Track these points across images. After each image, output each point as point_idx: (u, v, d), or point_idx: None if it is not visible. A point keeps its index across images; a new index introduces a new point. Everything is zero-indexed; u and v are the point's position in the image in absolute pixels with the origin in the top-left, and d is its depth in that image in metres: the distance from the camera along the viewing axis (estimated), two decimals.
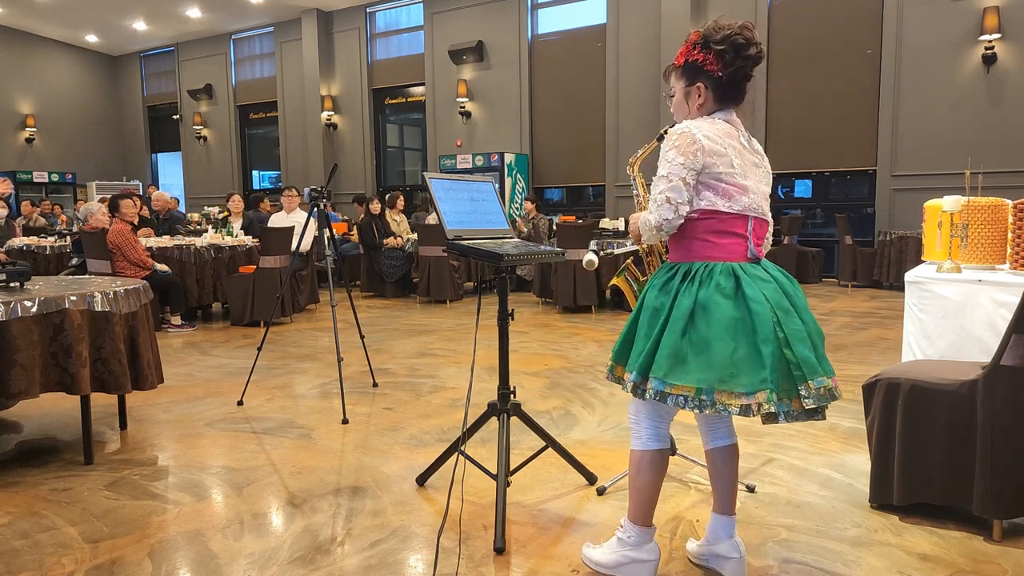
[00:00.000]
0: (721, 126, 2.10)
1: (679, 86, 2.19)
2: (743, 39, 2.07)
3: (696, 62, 2.12)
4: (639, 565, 2.21)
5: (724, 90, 2.13)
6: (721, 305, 1.98)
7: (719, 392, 1.95)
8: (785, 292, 2.04)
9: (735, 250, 2.08)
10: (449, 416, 4.08)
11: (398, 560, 2.45)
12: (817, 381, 1.95)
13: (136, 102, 18.63)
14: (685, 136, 2.04)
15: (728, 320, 1.96)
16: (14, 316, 3.13)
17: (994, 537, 2.51)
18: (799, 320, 2.01)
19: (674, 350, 2.00)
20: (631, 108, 11.85)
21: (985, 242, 3.28)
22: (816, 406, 1.96)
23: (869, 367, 5.07)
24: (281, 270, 7.17)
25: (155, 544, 2.57)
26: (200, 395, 4.64)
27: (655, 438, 2.19)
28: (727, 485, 2.29)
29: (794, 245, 10.27)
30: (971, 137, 9.42)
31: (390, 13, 14.71)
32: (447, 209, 2.79)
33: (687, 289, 2.04)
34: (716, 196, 2.05)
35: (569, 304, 7.88)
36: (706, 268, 2.05)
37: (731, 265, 2.04)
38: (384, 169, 15.29)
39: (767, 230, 2.18)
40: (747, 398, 1.93)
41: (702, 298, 2.01)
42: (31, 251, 8.55)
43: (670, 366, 2.00)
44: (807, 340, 1.99)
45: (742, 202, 2.06)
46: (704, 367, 1.97)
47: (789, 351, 1.96)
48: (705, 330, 1.98)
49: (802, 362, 1.95)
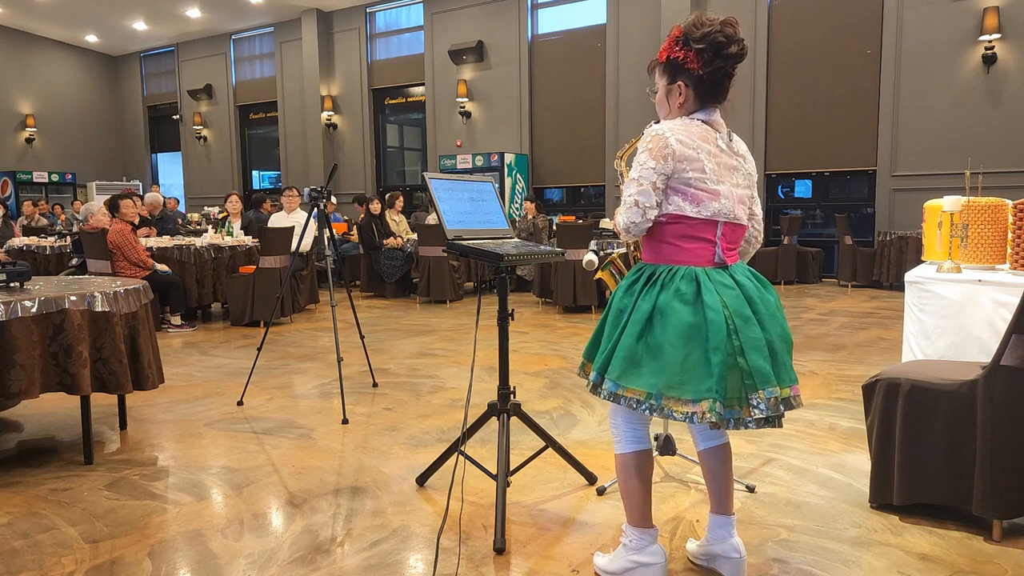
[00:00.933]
0: (697, 128, 2.07)
1: (661, 83, 2.17)
2: (723, 37, 2.03)
3: (677, 59, 2.09)
4: (646, 569, 2.20)
5: (705, 89, 2.10)
6: (678, 311, 1.98)
7: (667, 398, 1.97)
8: (749, 299, 2.03)
9: (701, 255, 2.07)
10: (449, 416, 4.08)
11: (398, 560, 2.45)
12: (768, 391, 1.95)
13: (136, 102, 18.64)
14: (658, 139, 2.03)
15: (683, 326, 1.97)
16: (14, 316, 3.13)
17: (994, 537, 2.51)
18: (758, 328, 2.00)
19: (629, 352, 2.02)
20: (631, 108, 11.85)
21: (985, 242, 3.28)
22: (766, 416, 1.96)
23: (869, 367, 5.07)
24: (281, 270, 7.17)
25: (155, 544, 2.57)
26: (200, 395, 4.64)
27: (634, 440, 2.20)
28: (722, 485, 2.29)
29: (794, 245, 10.27)
30: (971, 137, 9.42)
31: (390, 13, 14.71)
32: (447, 209, 2.79)
33: (648, 292, 2.05)
34: (685, 201, 2.05)
35: (569, 304, 7.88)
36: (669, 272, 2.06)
37: (694, 270, 2.04)
38: (384, 169, 15.29)
39: (742, 233, 2.17)
40: (692, 405, 1.95)
41: (661, 302, 2.02)
42: (31, 251, 8.55)
43: (624, 369, 2.02)
44: (763, 349, 1.98)
45: (711, 208, 2.05)
46: (656, 372, 1.98)
47: (743, 359, 1.96)
48: (660, 335, 1.99)
49: (754, 371, 1.95)
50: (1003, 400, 2.44)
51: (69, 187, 17.07)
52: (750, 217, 2.21)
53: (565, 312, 7.96)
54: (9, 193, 16.04)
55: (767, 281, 2.16)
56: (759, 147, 10.99)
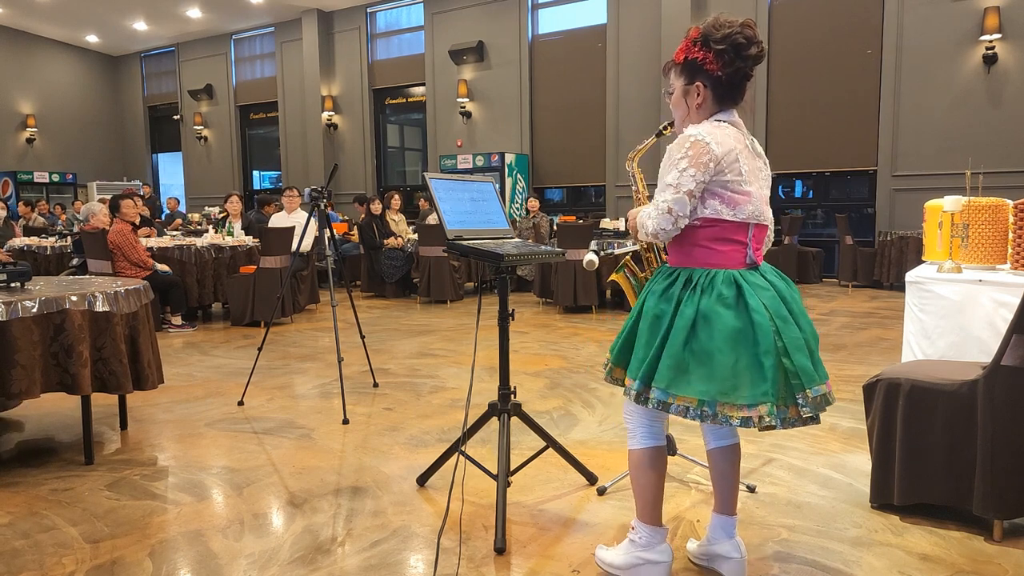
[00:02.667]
0: (729, 131, 2.06)
1: (678, 83, 2.15)
2: (744, 38, 2.02)
3: (695, 60, 2.07)
4: (652, 567, 2.20)
5: (724, 90, 2.09)
6: (723, 315, 1.97)
7: (721, 404, 1.95)
8: (783, 298, 2.04)
9: (735, 257, 2.07)
10: (449, 416, 4.08)
11: (398, 560, 2.45)
12: (815, 390, 1.96)
13: (136, 102, 18.64)
14: (698, 145, 2.00)
15: (730, 331, 1.96)
16: (15, 316, 3.13)
17: (994, 537, 2.51)
18: (796, 328, 2.00)
19: (676, 360, 1.99)
20: (631, 108, 11.85)
21: (985, 242, 3.28)
22: (812, 414, 1.97)
23: (869, 367, 5.07)
24: (281, 270, 7.17)
25: (155, 544, 2.57)
26: (200, 395, 4.64)
27: (650, 436, 2.20)
28: (728, 485, 2.29)
29: (794, 245, 10.27)
30: (971, 137, 9.42)
31: (390, 13, 14.71)
32: (447, 209, 2.79)
33: (689, 298, 2.02)
34: (722, 205, 2.03)
35: (569, 304, 7.88)
36: (707, 276, 2.04)
37: (732, 273, 2.03)
38: (384, 169, 15.29)
39: (766, 233, 2.17)
40: (749, 410, 1.93)
41: (704, 308, 1.99)
42: (31, 251, 8.55)
43: (672, 377, 2.00)
44: (804, 348, 1.99)
45: (746, 210, 2.05)
46: (706, 378, 1.96)
47: (788, 360, 1.96)
48: (707, 341, 1.97)
49: (800, 371, 1.96)
50: (1003, 400, 2.43)
51: (70, 187, 17.07)
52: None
53: (565, 312, 7.96)
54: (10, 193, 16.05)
55: (789, 278, 2.16)
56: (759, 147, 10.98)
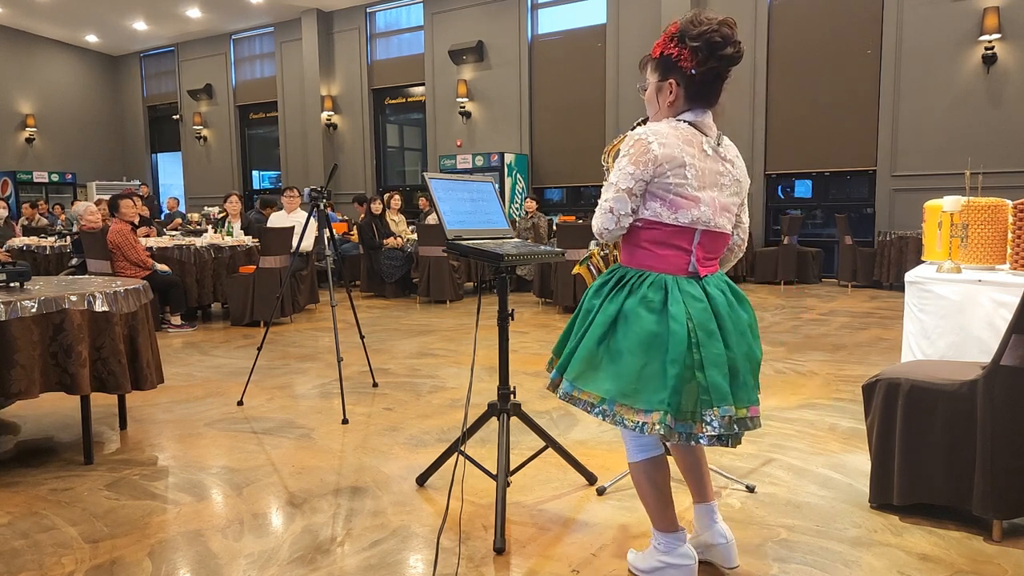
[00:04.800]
0: (683, 131, 2.02)
1: (652, 79, 2.11)
2: (720, 36, 1.96)
3: (670, 56, 2.02)
4: (675, 570, 2.19)
5: (696, 89, 2.03)
6: (642, 318, 1.96)
7: (619, 405, 1.96)
8: (716, 313, 2.00)
9: (675, 263, 2.03)
10: (449, 416, 4.08)
11: (398, 560, 2.45)
12: (723, 409, 1.93)
13: (136, 102, 18.64)
14: (639, 144, 1.99)
15: (645, 334, 1.95)
16: (14, 316, 3.13)
17: (994, 537, 2.51)
18: (721, 344, 1.97)
19: (589, 355, 2.01)
20: (631, 108, 11.84)
21: (985, 242, 3.28)
22: (718, 433, 1.94)
23: (869, 367, 5.07)
24: (281, 270, 7.17)
25: (155, 544, 2.57)
26: (200, 395, 4.64)
27: (640, 449, 2.18)
28: (699, 474, 2.29)
29: (794, 245, 10.27)
30: (971, 137, 9.42)
31: (390, 13, 14.71)
32: (447, 209, 2.79)
33: (615, 296, 2.03)
34: (662, 207, 2.00)
35: (569, 304, 7.88)
36: (639, 277, 2.03)
37: (664, 278, 2.01)
38: (384, 169, 15.29)
39: (723, 243, 2.12)
40: (644, 415, 1.94)
41: (627, 307, 2.00)
42: (31, 251, 8.55)
43: (581, 371, 2.01)
44: (723, 366, 1.96)
45: (690, 215, 2.00)
46: (613, 377, 1.97)
47: (701, 374, 1.94)
48: (622, 340, 1.98)
49: (712, 388, 1.93)
50: (1003, 400, 2.43)
51: (69, 187, 17.07)
52: (736, 225, 2.17)
53: (565, 312, 7.96)
54: (9, 193, 16.05)
55: (744, 296, 2.12)
56: (759, 147, 10.99)
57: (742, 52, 2.01)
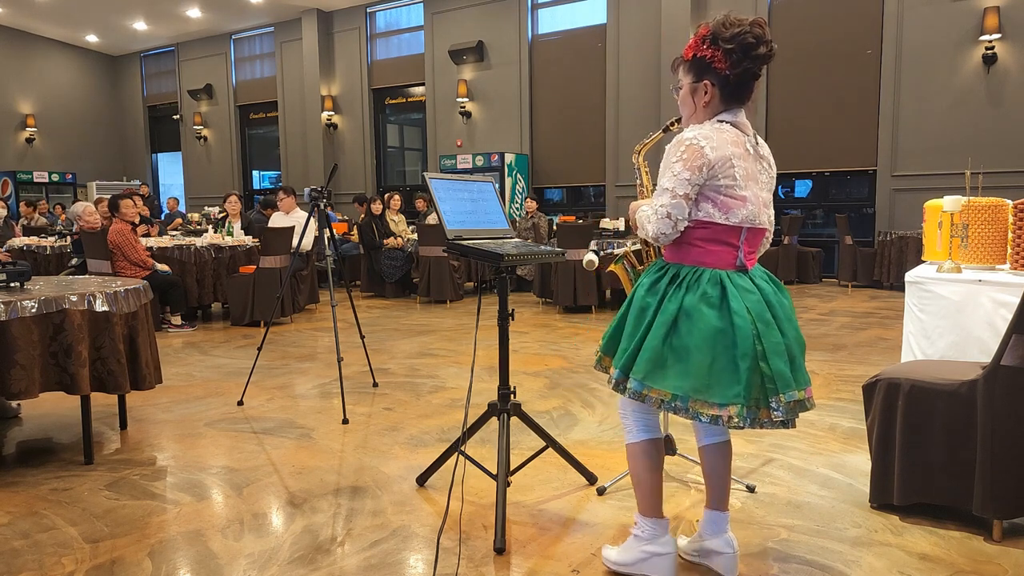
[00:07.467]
0: (728, 134, 2.06)
1: (686, 81, 2.15)
2: (753, 37, 2.01)
3: (704, 58, 2.06)
4: (659, 559, 2.21)
5: (731, 89, 2.08)
6: (705, 314, 1.99)
7: (693, 400, 1.98)
8: (768, 303, 2.05)
9: (725, 258, 2.08)
10: (449, 416, 4.08)
11: (398, 560, 2.45)
12: (788, 395, 1.99)
13: (136, 102, 18.63)
14: (692, 149, 2.01)
15: (710, 330, 1.98)
16: (14, 316, 3.13)
17: (994, 537, 2.51)
18: (778, 332, 2.02)
19: (655, 354, 2.02)
20: (631, 108, 11.85)
21: (985, 242, 3.28)
22: (784, 418, 1.99)
23: (869, 367, 5.07)
24: (281, 270, 7.17)
25: (155, 544, 2.57)
26: (200, 395, 4.64)
27: (645, 429, 2.22)
28: (720, 481, 2.30)
29: (794, 245, 10.27)
30: (971, 137, 9.42)
31: (390, 13, 14.71)
32: (447, 209, 2.79)
33: (674, 293, 2.05)
34: (714, 208, 2.05)
35: (569, 304, 7.88)
36: (695, 273, 2.06)
37: (720, 273, 2.05)
38: (384, 169, 15.29)
39: (763, 237, 2.17)
40: (719, 409, 1.97)
41: (687, 305, 2.02)
42: (31, 251, 8.55)
43: (649, 369, 2.03)
44: (784, 353, 2.01)
45: (739, 215, 2.05)
46: (682, 375, 1.99)
47: (765, 364, 1.98)
48: (687, 337, 2.00)
49: (776, 376, 1.98)
50: (1003, 400, 2.44)
51: (69, 187, 17.06)
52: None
53: (565, 312, 7.96)
54: (9, 193, 16.04)
55: (781, 283, 2.17)
56: None
57: (775, 51, 2.05)
